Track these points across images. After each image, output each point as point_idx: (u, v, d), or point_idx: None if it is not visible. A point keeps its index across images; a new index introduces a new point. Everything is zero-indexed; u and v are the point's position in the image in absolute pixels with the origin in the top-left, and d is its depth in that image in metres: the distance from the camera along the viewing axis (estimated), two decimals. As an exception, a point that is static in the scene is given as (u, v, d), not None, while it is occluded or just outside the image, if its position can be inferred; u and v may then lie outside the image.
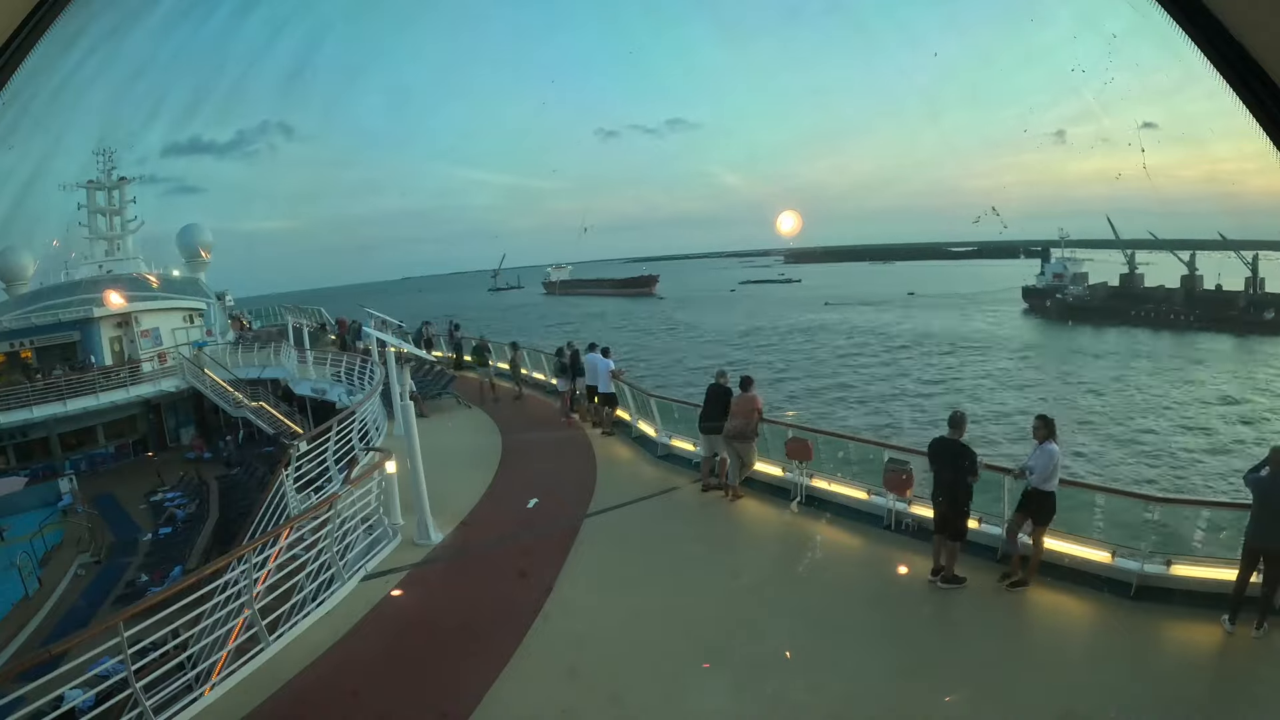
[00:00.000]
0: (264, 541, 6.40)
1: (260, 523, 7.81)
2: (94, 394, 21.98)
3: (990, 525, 6.79)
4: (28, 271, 26.72)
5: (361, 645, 6.02)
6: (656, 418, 10.86)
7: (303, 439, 9.54)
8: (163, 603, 5.49)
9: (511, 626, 5.96)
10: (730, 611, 6.12)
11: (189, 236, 30.24)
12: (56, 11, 1.57)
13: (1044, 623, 5.68)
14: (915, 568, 6.60)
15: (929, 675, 5.11)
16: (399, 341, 13.04)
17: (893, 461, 7.49)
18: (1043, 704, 4.77)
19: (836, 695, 4.93)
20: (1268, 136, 1.34)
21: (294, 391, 20.53)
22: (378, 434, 11.41)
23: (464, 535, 8.22)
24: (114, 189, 27.48)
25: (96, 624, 8.97)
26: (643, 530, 8.15)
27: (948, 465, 6.33)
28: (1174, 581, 5.78)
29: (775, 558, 7.29)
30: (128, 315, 24.40)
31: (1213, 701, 4.84)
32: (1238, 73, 1.36)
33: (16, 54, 1.56)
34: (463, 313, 50.80)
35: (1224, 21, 1.33)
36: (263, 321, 32.30)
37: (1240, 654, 5.12)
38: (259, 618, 5.83)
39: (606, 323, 68.31)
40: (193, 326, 26.33)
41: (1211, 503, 7.88)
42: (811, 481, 8.30)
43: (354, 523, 7.26)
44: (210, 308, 27.38)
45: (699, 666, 5.33)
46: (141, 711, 4.81)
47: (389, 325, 16.72)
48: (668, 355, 47.04)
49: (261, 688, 5.41)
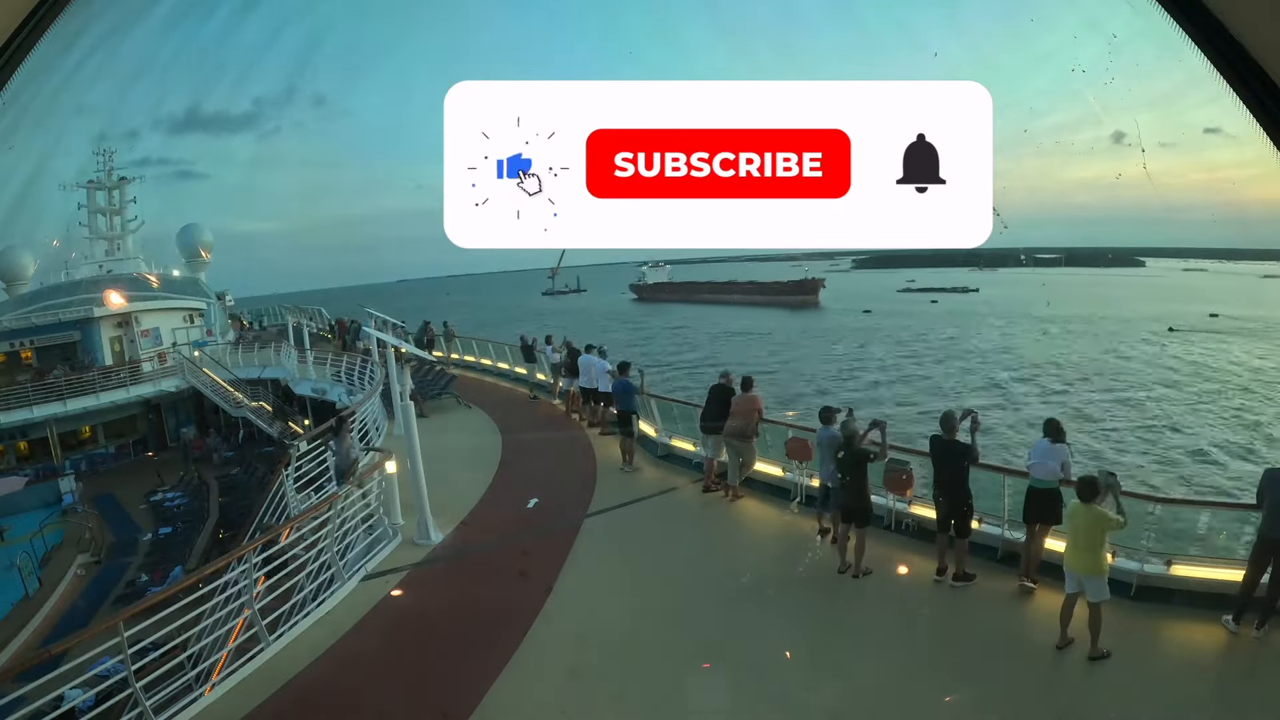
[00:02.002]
0: (264, 541, 6.41)
1: (260, 523, 7.82)
2: (94, 394, 21.99)
3: (990, 525, 6.79)
4: (28, 271, 26.69)
5: (361, 645, 6.01)
6: (657, 418, 10.86)
7: (303, 439, 9.55)
8: (163, 603, 5.51)
9: (511, 626, 5.96)
10: (730, 611, 6.11)
11: (189, 236, 30.21)
12: (56, 11, 1.58)
13: (1044, 623, 5.68)
14: (915, 568, 6.60)
15: (929, 675, 5.11)
16: (399, 341, 13.02)
17: (893, 462, 7.49)
18: (1043, 704, 4.77)
19: (836, 695, 4.93)
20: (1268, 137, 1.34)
21: (294, 391, 20.55)
22: (378, 434, 11.42)
23: (464, 535, 8.22)
24: (114, 189, 27.47)
25: (96, 624, 8.96)
26: (643, 530, 8.14)
27: (946, 465, 6.35)
28: (1174, 581, 5.77)
29: (775, 558, 7.28)
30: (128, 315, 24.40)
31: (1213, 701, 4.84)
32: (1238, 74, 1.36)
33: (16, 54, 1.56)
34: (527, 322, 45.25)
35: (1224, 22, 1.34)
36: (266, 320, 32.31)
37: (1240, 654, 5.11)
38: (259, 618, 5.83)
39: (776, 352, 42.86)
40: (193, 326, 26.35)
41: (1212, 503, 7.88)
42: (811, 481, 8.29)
43: (354, 523, 7.27)
44: (210, 308, 27.38)
45: (699, 666, 5.33)
46: (141, 711, 4.81)
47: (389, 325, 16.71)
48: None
49: (261, 688, 5.41)
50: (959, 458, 6.28)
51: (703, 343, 48.96)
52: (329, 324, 27.69)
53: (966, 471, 6.30)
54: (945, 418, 6.49)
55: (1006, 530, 6.65)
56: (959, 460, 6.27)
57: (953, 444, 6.33)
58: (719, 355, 41.15)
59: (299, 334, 22.65)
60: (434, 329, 20.95)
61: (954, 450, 6.31)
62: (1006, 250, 78.11)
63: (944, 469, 6.38)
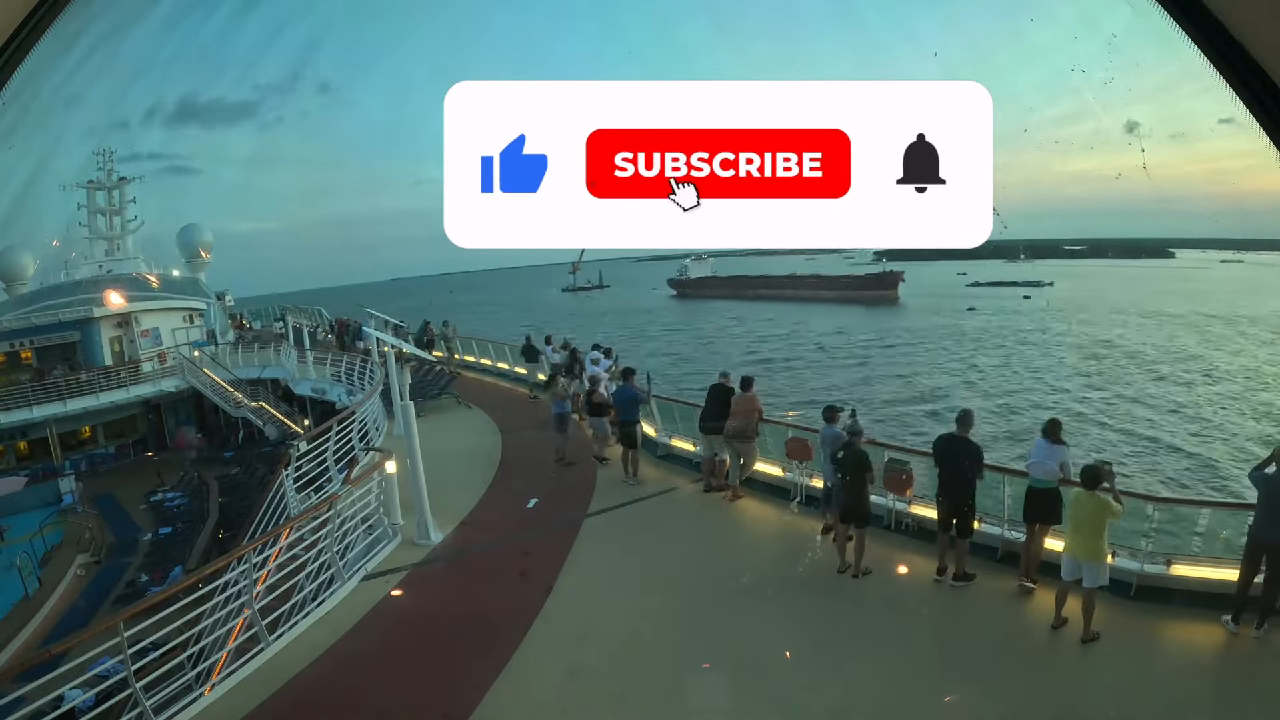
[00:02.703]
0: (264, 541, 6.41)
1: (260, 523, 7.82)
2: (94, 394, 22.00)
3: (990, 525, 6.79)
4: (28, 271, 26.71)
5: (361, 645, 6.02)
6: (657, 418, 10.85)
7: (303, 439, 9.55)
8: (163, 603, 5.51)
9: (511, 626, 5.96)
10: (730, 611, 6.11)
11: (189, 236, 30.22)
12: (56, 11, 1.58)
13: (1044, 623, 5.68)
14: (915, 568, 6.60)
15: (929, 675, 5.11)
16: (399, 341, 13.02)
17: (893, 461, 7.49)
18: (1043, 704, 4.78)
19: (836, 695, 4.93)
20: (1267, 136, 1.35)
21: (294, 391, 20.56)
22: (378, 434, 11.42)
23: (464, 535, 8.22)
24: (114, 189, 27.50)
25: (96, 624, 8.97)
26: (643, 530, 8.14)
27: (950, 464, 6.33)
28: (1174, 581, 5.77)
29: (775, 558, 7.28)
30: (128, 315, 24.42)
31: (1213, 701, 4.84)
32: (1238, 73, 1.36)
33: (16, 54, 1.56)
34: (557, 323, 39.93)
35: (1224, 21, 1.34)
36: (262, 321, 32.29)
37: (1240, 654, 5.12)
38: (259, 618, 5.83)
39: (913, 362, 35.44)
40: (193, 326, 26.36)
41: (1212, 503, 7.88)
42: (811, 481, 8.29)
43: (354, 523, 7.27)
44: (210, 308, 27.40)
45: (699, 666, 5.33)
46: (141, 711, 4.81)
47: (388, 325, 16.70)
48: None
49: (261, 688, 5.41)
50: (966, 458, 6.23)
51: (798, 349, 40.09)
52: (329, 324, 27.69)
53: (972, 472, 6.26)
54: (962, 415, 6.44)
55: (1006, 530, 6.65)
56: (965, 460, 6.23)
57: (964, 443, 6.26)
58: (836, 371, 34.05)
59: (298, 334, 22.65)
60: (433, 329, 20.91)
61: (963, 450, 6.25)
62: (1004, 243, 74.10)
63: (947, 468, 6.36)
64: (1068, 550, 5.47)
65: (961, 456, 6.27)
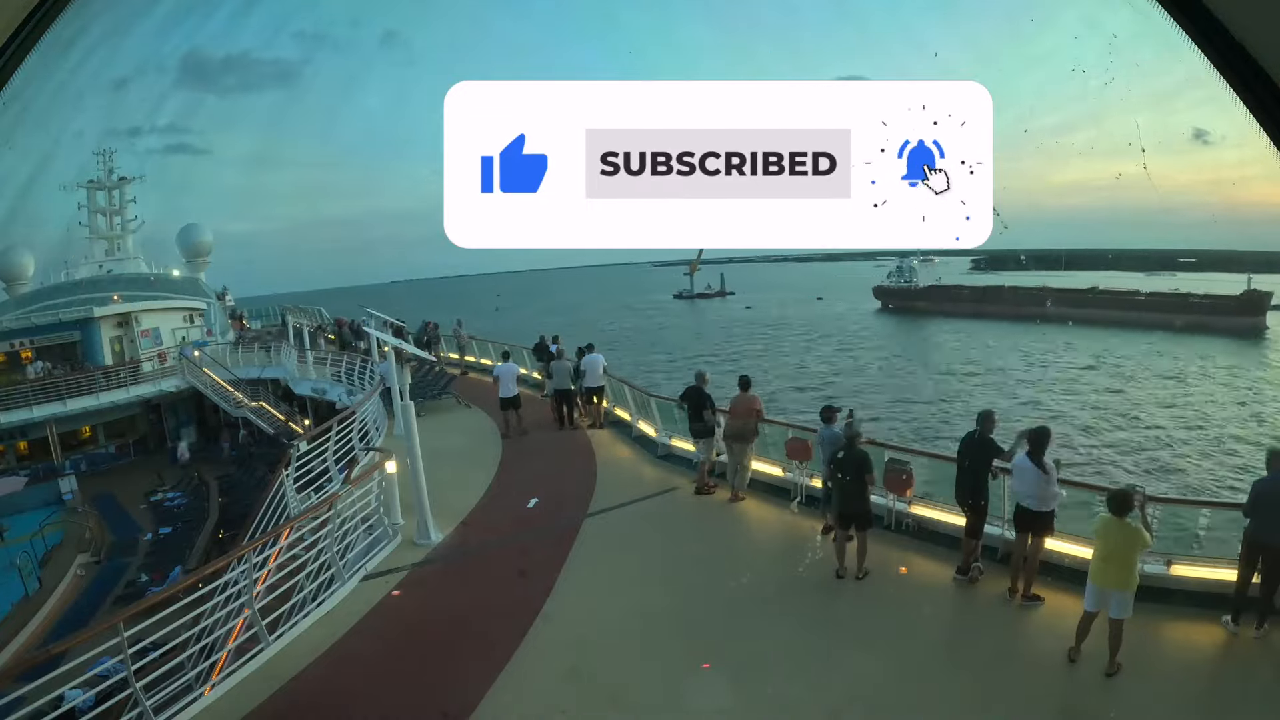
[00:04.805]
0: (264, 541, 6.41)
1: (260, 523, 7.82)
2: (94, 394, 22.00)
3: (991, 526, 6.77)
4: (28, 271, 26.73)
5: (361, 645, 6.01)
6: (657, 418, 10.86)
7: (303, 439, 9.55)
8: (163, 603, 5.51)
9: (511, 626, 5.96)
10: (730, 611, 6.11)
11: (189, 236, 30.26)
12: (56, 11, 1.57)
13: (1044, 623, 5.67)
14: (915, 568, 6.60)
15: (929, 675, 5.11)
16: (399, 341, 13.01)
17: (893, 461, 7.49)
18: (1043, 704, 4.77)
19: (836, 695, 4.93)
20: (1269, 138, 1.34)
21: (294, 391, 20.56)
22: (378, 434, 11.42)
23: (464, 535, 8.22)
24: (114, 189, 27.51)
25: (96, 624, 8.98)
26: (643, 530, 8.14)
27: (969, 465, 6.23)
28: (1174, 581, 5.77)
29: (775, 558, 7.28)
30: (128, 315, 24.43)
31: (1213, 701, 4.84)
32: (1239, 74, 1.36)
33: (16, 54, 1.56)
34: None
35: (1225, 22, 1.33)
36: (262, 321, 32.24)
37: (1240, 654, 5.11)
38: (259, 618, 5.83)
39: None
40: (193, 326, 26.37)
41: (1212, 503, 7.88)
42: (811, 481, 8.29)
43: (354, 523, 7.27)
44: (210, 308, 27.41)
45: (699, 666, 5.32)
46: (141, 711, 4.81)
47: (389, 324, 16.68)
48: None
49: (261, 688, 5.41)
50: (990, 455, 6.10)
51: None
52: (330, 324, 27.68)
53: (988, 472, 6.16)
54: (984, 415, 6.28)
55: (1007, 530, 6.64)
56: (988, 459, 6.10)
57: (988, 443, 6.12)
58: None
59: (298, 334, 22.65)
60: (462, 333, 20.55)
61: (987, 450, 6.12)
62: (1006, 251, 69.00)
63: (966, 472, 6.21)
64: (1094, 579, 5.03)
65: (980, 454, 6.11)
